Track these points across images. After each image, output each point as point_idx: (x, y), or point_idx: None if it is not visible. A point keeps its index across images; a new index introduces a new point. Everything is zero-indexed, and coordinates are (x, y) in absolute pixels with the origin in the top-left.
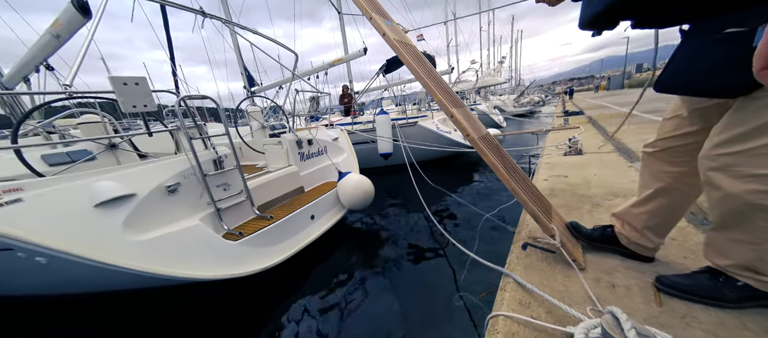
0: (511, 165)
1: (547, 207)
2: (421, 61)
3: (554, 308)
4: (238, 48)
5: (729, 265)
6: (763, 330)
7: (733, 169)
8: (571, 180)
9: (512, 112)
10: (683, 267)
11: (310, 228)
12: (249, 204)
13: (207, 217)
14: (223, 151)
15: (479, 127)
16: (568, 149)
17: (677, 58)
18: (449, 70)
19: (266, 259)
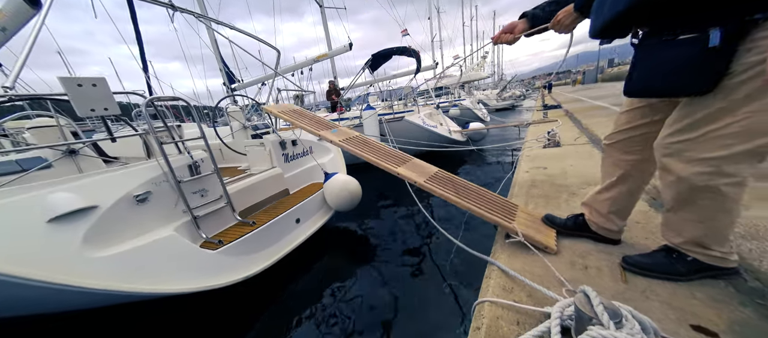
0: (463, 187)
1: (511, 209)
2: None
3: (534, 291)
4: (215, 43)
5: (681, 242)
6: (708, 298)
7: (683, 155)
8: (550, 171)
9: (495, 106)
10: (645, 247)
11: (296, 232)
12: (229, 209)
13: (183, 226)
14: (199, 155)
15: (426, 170)
16: (547, 142)
17: (640, 65)
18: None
19: (249, 267)
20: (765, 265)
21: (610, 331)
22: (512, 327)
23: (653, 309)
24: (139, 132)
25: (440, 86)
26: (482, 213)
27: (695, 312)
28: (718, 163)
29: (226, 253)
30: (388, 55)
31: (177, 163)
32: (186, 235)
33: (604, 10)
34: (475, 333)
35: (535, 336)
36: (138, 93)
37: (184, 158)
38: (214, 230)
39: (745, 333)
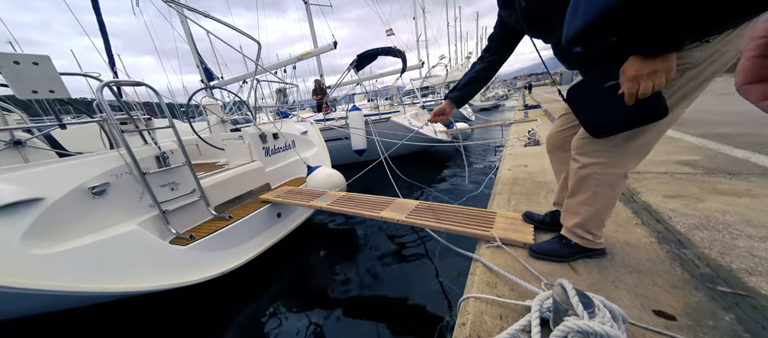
0: (443, 211)
1: (489, 218)
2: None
3: (516, 285)
4: (190, 36)
5: (572, 225)
6: (668, 284)
7: (588, 148)
8: (531, 169)
9: (479, 106)
10: (613, 237)
11: (277, 226)
12: (204, 204)
13: (149, 221)
14: (168, 147)
15: (407, 206)
16: (528, 140)
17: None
18: (420, 65)
19: (225, 262)
20: (714, 253)
21: (584, 321)
22: (496, 321)
23: (622, 297)
24: (95, 119)
25: (426, 86)
26: (462, 230)
27: (656, 298)
28: (608, 155)
29: (199, 249)
30: (373, 56)
31: (142, 154)
32: (153, 230)
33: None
34: (460, 329)
35: (518, 329)
36: (92, 75)
37: (150, 149)
38: (187, 225)
39: (697, 314)
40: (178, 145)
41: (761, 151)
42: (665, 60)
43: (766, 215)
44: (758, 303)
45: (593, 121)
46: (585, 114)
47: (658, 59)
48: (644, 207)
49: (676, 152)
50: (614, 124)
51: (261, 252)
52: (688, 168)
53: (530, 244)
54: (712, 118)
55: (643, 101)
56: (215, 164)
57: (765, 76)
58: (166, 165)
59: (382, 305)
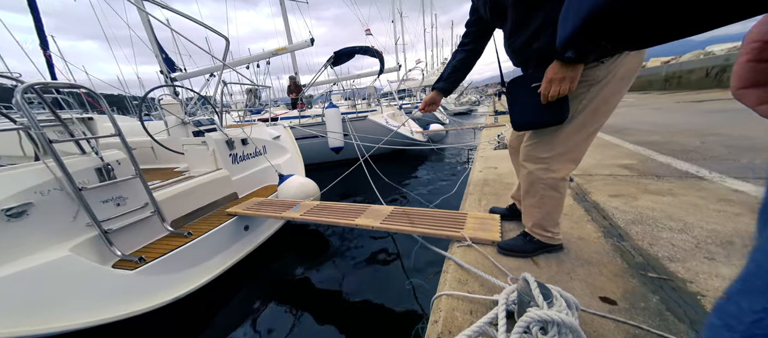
0: (417, 215)
1: (460, 219)
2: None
3: (486, 281)
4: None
5: (530, 226)
6: (611, 273)
7: (532, 155)
8: (500, 170)
9: (453, 110)
10: (568, 233)
11: (245, 240)
12: (158, 220)
13: (86, 244)
14: (114, 156)
15: (381, 213)
16: (498, 144)
17: (518, 105)
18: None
19: (183, 285)
20: (645, 244)
21: (544, 311)
22: (466, 316)
23: (575, 287)
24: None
25: (403, 88)
26: (435, 233)
27: (602, 286)
28: (547, 161)
29: (150, 272)
30: (351, 54)
31: (79, 166)
32: (90, 254)
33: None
34: (433, 326)
35: (485, 322)
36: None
37: (89, 159)
38: (136, 245)
39: (632, 298)
40: (126, 155)
41: (679, 156)
42: (573, 70)
43: (682, 211)
44: (676, 285)
45: (516, 116)
46: (512, 107)
47: (569, 67)
48: (593, 206)
49: (618, 157)
50: (528, 122)
51: (226, 269)
52: (627, 171)
53: (498, 242)
54: (646, 128)
55: (552, 104)
56: (173, 170)
57: (759, 81)
58: (111, 178)
59: (359, 311)
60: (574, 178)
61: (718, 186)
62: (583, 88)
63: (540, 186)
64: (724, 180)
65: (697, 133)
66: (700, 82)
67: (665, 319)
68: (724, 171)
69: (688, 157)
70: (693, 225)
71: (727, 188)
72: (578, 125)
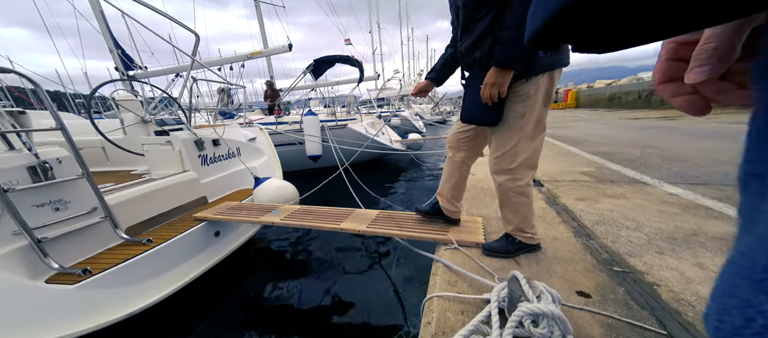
0: (403, 219)
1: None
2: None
3: (474, 281)
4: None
5: (511, 230)
6: (583, 269)
7: (499, 168)
8: (477, 177)
9: (429, 120)
10: (544, 233)
11: (214, 247)
12: (109, 226)
13: (12, 255)
14: (53, 153)
15: (367, 216)
16: None
17: (465, 101)
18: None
19: (139, 299)
20: (609, 241)
21: (535, 304)
22: (458, 316)
23: (555, 283)
24: None
25: (381, 97)
26: (422, 236)
27: (577, 281)
28: (513, 172)
29: (95, 286)
30: (331, 62)
31: (4, 164)
32: (19, 267)
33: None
34: (426, 328)
35: (479, 320)
36: None
37: (18, 156)
38: (81, 255)
39: (603, 290)
40: (70, 150)
41: (626, 165)
42: (503, 76)
43: (634, 212)
44: (636, 277)
45: (464, 109)
46: (465, 101)
47: (501, 74)
48: (563, 208)
49: (579, 165)
50: (471, 118)
51: (191, 280)
52: (587, 177)
53: (483, 243)
54: (597, 140)
55: (491, 107)
56: (130, 173)
57: (674, 76)
58: (48, 178)
59: (341, 319)
60: (544, 184)
61: (658, 190)
62: (523, 103)
63: (511, 195)
64: (662, 185)
65: (637, 145)
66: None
67: (631, 308)
68: (661, 177)
69: (633, 165)
70: (644, 224)
71: (665, 192)
72: (530, 136)
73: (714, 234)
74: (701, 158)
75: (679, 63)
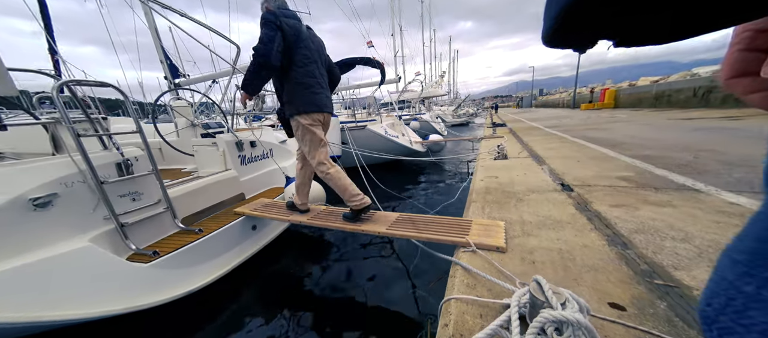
0: (423, 221)
1: (464, 225)
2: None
3: (494, 285)
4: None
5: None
6: (618, 280)
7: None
8: (501, 180)
9: (451, 122)
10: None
11: (252, 239)
12: (170, 216)
13: (103, 236)
14: (132, 152)
15: (388, 218)
16: (497, 154)
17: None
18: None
19: (194, 279)
20: (649, 252)
21: (559, 312)
22: (476, 319)
23: (584, 292)
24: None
25: (402, 100)
26: (441, 238)
27: (609, 292)
28: (314, 164)
29: (162, 266)
30: (352, 64)
31: (101, 161)
32: (107, 246)
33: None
34: (444, 329)
35: (498, 325)
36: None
37: (110, 155)
38: (149, 239)
39: (641, 304)
40: (144, 150)
41: (674, 170)
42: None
43: (682, 222)
44: (683, 292)
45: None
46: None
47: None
48: (596, 215)
49: (616, 169)
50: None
51: (234, 267)
52: (625, 182)
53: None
54: (639, 143)
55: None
56: (181, 171)
57: (749, 70)
58: (129, 173)
59: (360, 315)
60: (574, 188)
61: (714, 199)
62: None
63: (323, 177)
64: (719, 193)
65: (689, 148)
66: (688, 101)
67: (674, 325)
68: (719, 184)
69: (683, 171)
70: (694, 235)
71: (723, 201)
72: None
73: None
74: None
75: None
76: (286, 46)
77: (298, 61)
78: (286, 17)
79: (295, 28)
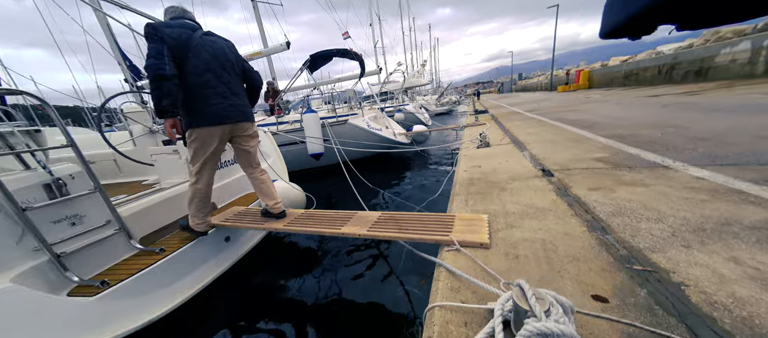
0: (405, 220)
1: (447, 221)
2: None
3: (478, 289)
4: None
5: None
6: (599, 269)
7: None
8: (484, 169)
9: (435, 111)
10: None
11: (227, 252)
12: (124, 237)
13: (34, 271)
14: (66, 170)
15: (369, 219)
16: (480, 143)
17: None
18: (377, 71)
19: (155, 307)
20: (627, 236)
21: (543, 322)
22: (461, 329)
23: (567, 286)
24: None
25: (385, 91)
26: (424, 237)
27: (593, 282)
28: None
29: (114, 297)
30: (328, 57)
31: (21, 183)
32: (41, 282)
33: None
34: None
35: (483, 336)
36: None
37: (34, 175)
38: (98, 267)
39: (622, 293)
40: (82, 167)
41: (645, 148)
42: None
43: (655, 201)
44: (661, 276)
45: None
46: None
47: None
48: (575, 200)
49: (592, 150)
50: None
51: (206, 285)
52: (602, 164)
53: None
54: (612, 122)
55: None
56: (141, 183)
57: None
58: (63, 194)
59: (350, 321)
60: (554, 174)
61: (682, 175)
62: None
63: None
64: (686, 169)
65: (657, 125)
66: (654, 78)
67: (655, 314)
68: (686, 160)
69: (653, 148)
70: (667, 214)
71: (690, 175)
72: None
73: (751, 223)
74: (731, 135)
75: None
76: (173, 57)
77: (188, 71)
78: (169, 27)
79: (178, 37)
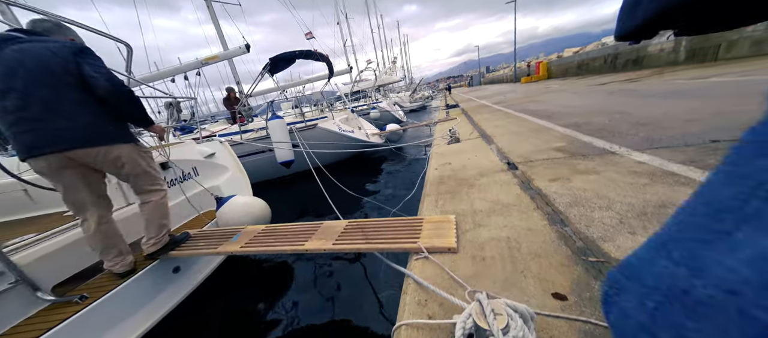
0: (373, 228)
1: (416, 226)
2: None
3: (444, 301)
4: None
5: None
6: (559, 264)
7: None
8: (454, 166)
9: (409, 107)
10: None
11: (176, 285)
12: (26, 290)
13: None
14: None
15: (335, 229)
16: (450, 138)
17: None
18: (348, 70)
19: None
20: (582, 226)
21: None
22: None
23: (529, 286)
24: None
25: (358, 90)
26: (391, 247)
27: (553, 279)
28: None
29: None
30: (290, 59)
31: None
32: None
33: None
34: None
35: None
36: None
37: None
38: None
39: (579, 288)
40: None
41: (596, 135)
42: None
43: (605, 188)
44: (611, 266)
45: None
46: None
47: None
48: (537, 192)
49: (552, 140)
50: None
51: (150, 328)
52: (560, 153)
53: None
54: (569, 111)
55: None
56: (63, 215)
57: None
58: None
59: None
60: (519, 166)
61: (626, 160)
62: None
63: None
64: (630, 154)
65: (605, 111)
66: (601, 68)
67: None
68: (630, 145)
69: (602, 135)
70: (615, 201)
71: (633, 160)
72: None
73: None
74: (665, 120)
75: None
76: None
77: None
78: None
79: None
